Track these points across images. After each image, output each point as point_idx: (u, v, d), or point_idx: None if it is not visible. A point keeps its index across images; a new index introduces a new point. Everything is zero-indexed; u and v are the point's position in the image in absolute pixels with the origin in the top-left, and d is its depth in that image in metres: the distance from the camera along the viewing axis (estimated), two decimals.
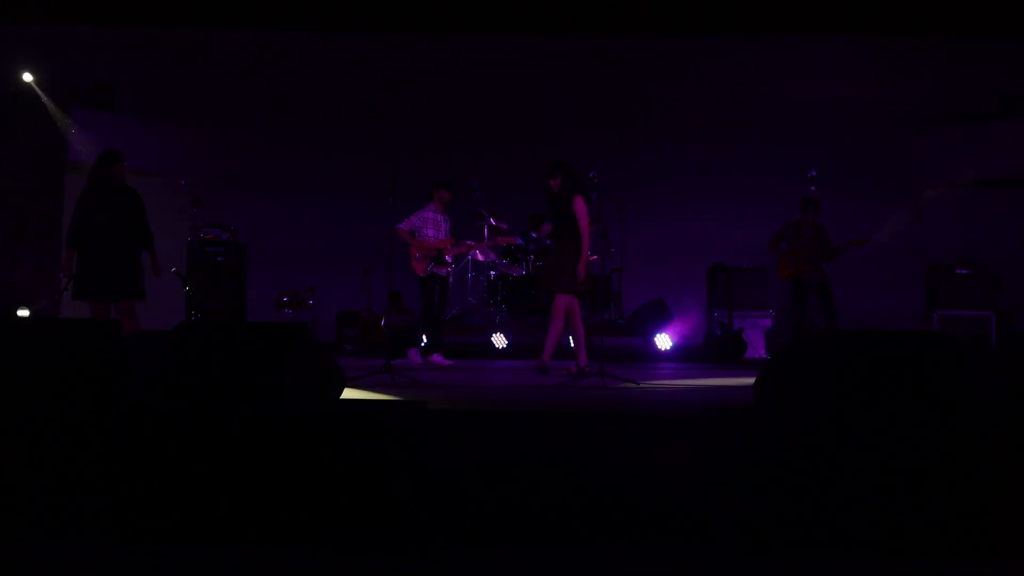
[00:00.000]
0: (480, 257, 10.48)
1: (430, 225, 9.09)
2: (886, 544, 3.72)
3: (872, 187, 11.81)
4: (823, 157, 10.06)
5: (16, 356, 4.38)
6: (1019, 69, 11.65)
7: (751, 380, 5.36)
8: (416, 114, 12.19)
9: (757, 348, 10.11)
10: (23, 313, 9.93)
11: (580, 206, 7.55)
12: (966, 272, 10.66)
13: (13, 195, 11.14)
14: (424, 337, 9.52)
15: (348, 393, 5.55)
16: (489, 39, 12.36)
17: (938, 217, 12.01)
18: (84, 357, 4.36)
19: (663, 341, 10.21)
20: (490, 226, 10.35)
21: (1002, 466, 3.79)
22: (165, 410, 4.06)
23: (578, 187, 7.64)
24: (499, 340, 10.36)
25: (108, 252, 7.50)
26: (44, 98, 11.22)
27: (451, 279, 9.42)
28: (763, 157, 11.50)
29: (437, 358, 9.20)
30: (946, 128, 12.01)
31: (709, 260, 11.01)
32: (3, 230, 11.10)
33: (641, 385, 7.05)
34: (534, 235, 10.55)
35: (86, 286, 7.55)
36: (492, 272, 10.54)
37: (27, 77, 11.34)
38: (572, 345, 8.00)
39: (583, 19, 11.89)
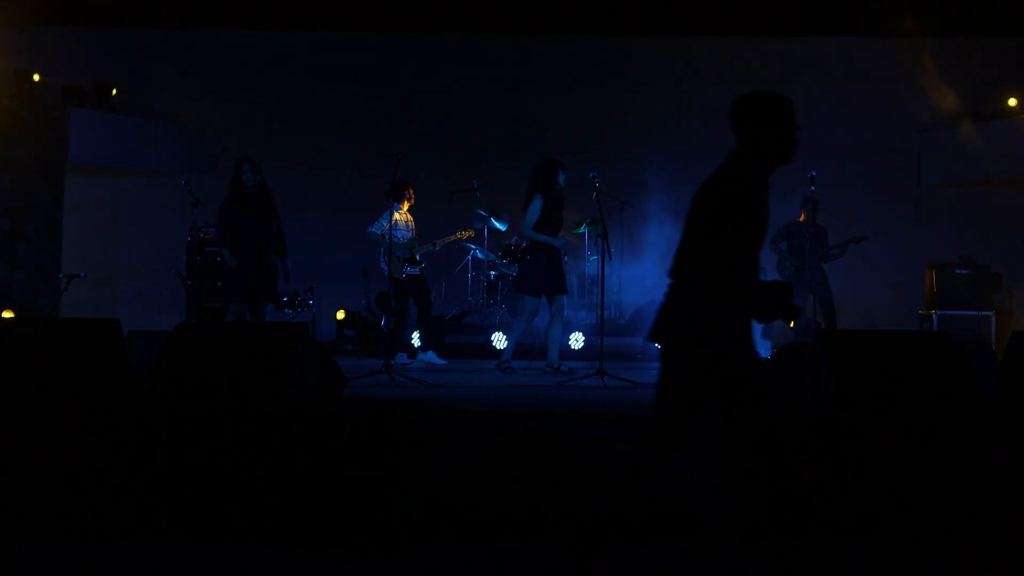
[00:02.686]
0: (480, 255, 10.49)
1: (400, 226, 9.08)
2: (887, 544, 3.72)
3: (872, 187, 11.80)
4: (823, 157, 10.05)
5: (17, 355, 4.39)
6: (1018, 69, 11.65)
7: None
8: (416, 113, 12.18)
9: (757, 348, 10.08)
10: (7, 315, 9.95)
11: None
12: (966, 272, 10.65)
13: (13, 195, 11.13)
14: (414, 339, 9.58)
15: (348, 393, 5.55)
16: (490, 39, 12.37)
17: (938, 217, 12.01)
18: (84, 357, 4.37)
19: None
20: (490, 227, 10.35)
21: (1002, 465, 3.79)
22: (165, 410, 4.06)
23: None
24: (499, 340, 10.35)
25: (248, 256, 7.76)
26: None
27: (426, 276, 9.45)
28: None
29: (431, 356, 9.20)
30: (946, 128, 12.00)
31: None
32: (3, 230, 11.09)
33: (641, 385, 7.04)
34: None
35: (230, 289, 7.90)
36: (492, 272, 10.53)
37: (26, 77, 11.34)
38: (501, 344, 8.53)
39: (584, 19, 11.92)
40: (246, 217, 7.78)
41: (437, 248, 9.78)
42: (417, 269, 9.22)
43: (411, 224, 9.21)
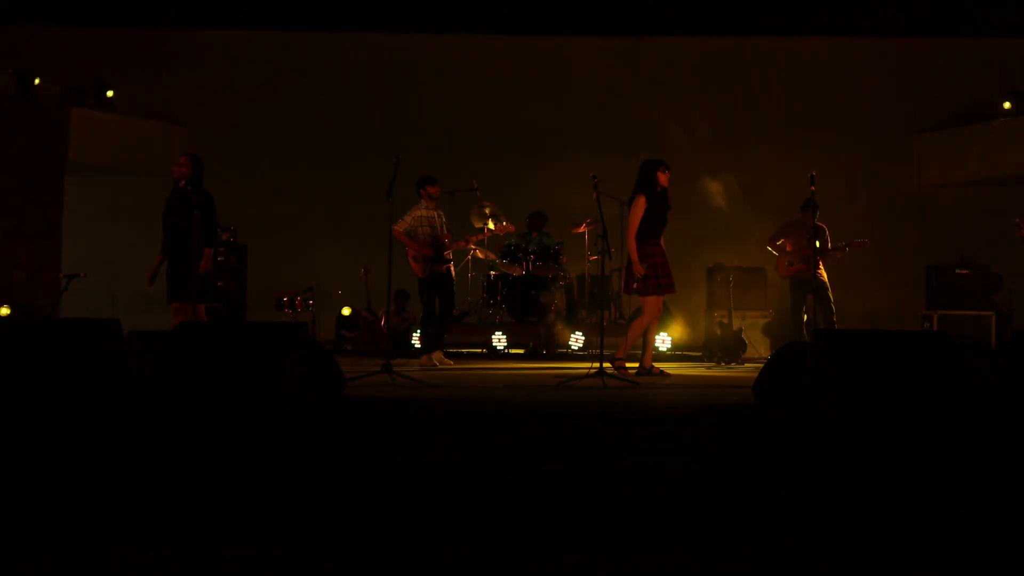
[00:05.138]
0: (480, 255, 10.47)
1: (425, 223, 8.92)
2: (884, 545, 3.72)
3: (872, 187, 11.81)
4: (823, 157, 10.06)
5: (17, 355, 4.39)
6: (1018, 68, 11.66)
7: (751, 380, 5.37)
8: (416, 113, 12.19)
9: (757, 348, 10.10)
10: (3, 311, 9.98)
11: None
12: (966, 272, 10.65)
13: (13, 195, 11.13)
14: (424, 337, 9.50)
15: (348, 393, 5.55)
16: (490, 39, 12.37)
17: (938, 217, 12.01)
18: (84, 357, 4.37)
19: (663, 341, 10.20)
20: (489, 229, 10.32)
21: (1001, 465, 3.79)
22: (165, 410, 4.06)
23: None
24: (499, 340, 10.36)
25: (169, 255, 7.56)
26: None
27: (453, 275, 9.27)
28: (763, 157, 11.49)
29: (437, 358, 9.17)
30: (946, 128, 12.01)
31: (709, 260, 11.00)
32: (3, 230, 11.09)
33: (641, 385, 7.04)
34: (535, 235, 10.51)
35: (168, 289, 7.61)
36: (492, 272, 10.52)
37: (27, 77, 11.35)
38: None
39: (584, 20, 11.92)
40: (172, 214, 7.59)
41: (472, 247, 9.60)
42: (444, 267, 8.99)
43: (437, 220, 9.01)
